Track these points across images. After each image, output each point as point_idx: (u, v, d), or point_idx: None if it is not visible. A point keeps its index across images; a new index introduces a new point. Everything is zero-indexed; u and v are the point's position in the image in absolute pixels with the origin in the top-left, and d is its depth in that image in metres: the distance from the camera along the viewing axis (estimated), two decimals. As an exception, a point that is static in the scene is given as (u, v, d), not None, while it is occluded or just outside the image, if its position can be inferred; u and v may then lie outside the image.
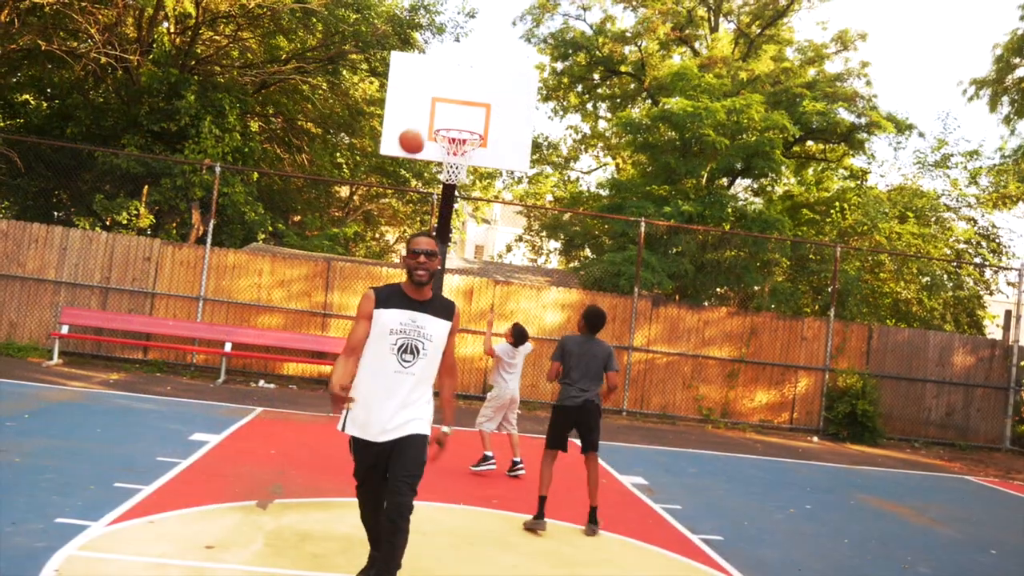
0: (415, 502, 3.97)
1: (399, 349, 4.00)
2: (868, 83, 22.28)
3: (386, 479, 4.04)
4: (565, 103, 28.06)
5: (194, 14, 18.07)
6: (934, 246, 18.70)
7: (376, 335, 4.03)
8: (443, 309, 4.16)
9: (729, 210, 16.90)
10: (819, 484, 9.56)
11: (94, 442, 7.45)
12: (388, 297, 4.07)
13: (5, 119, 16.92)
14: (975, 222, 20.27)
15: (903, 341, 14.92)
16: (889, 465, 11.79)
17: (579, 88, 27.24)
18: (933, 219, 19.42)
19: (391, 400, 4.00)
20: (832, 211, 19.97)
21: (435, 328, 4.08)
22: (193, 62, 19.95)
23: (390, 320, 4.01)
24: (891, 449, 13.62)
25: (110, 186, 18.24)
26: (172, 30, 19.97)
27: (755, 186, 21.17)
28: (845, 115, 19.59)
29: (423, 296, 4.10)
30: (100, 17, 18.04)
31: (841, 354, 14.60)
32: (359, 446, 4.11)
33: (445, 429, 4.21)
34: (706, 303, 16.42)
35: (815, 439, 13.83)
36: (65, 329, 12.57)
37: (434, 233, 5.20)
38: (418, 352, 4.02)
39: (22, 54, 18.63)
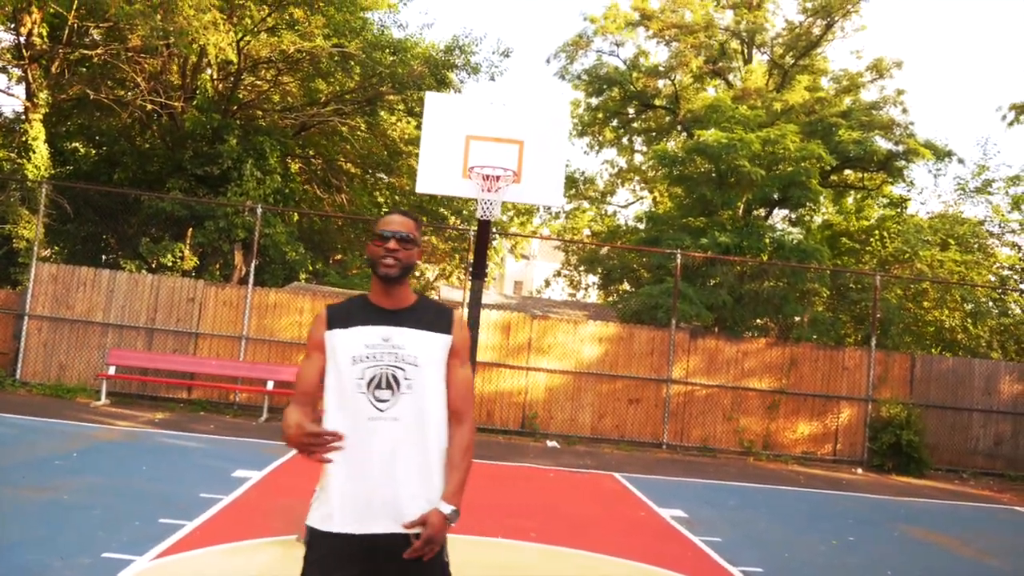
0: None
1: (369, 384, 2.58)
2: (905, 110, 22.09)
3: None
4: (600, 138, 28.23)
5: (236, 61, 18.59)
6: (977, 273, 18.41)
7: (336, 369, 2.63)
8: (433, 318, 2.72)
9: (767, 240, 16.83)
10: (863, 516, 9.40)
11: (139, 479, 7.62)
12: (348, 313, 2.71)
13: (55, 166, 17.47)
14: (1019, 248, 19.94)
15: (947, 370, 14.66)
16: (936, 496, 11.55)
17: (614, 123, 27.39)
18: (976, 246, 19.14)
19: (372, 464, 2.55)
20: (872, 240, 19.79)
21: (421, 346, 2.65)
22: (235, 107, 20.49)
23: (351, 344, 2.62)
24: (938, 480, 13.34)
25: (155, 229, 18.74)
26: (215, 76, 20.56)
27: (792, 216, 21.06)
28: (882, 143, 19.46)
29: (399, 302, 2.71)
30: (146, 66, 18.67)
31: (884, 384, 14.38)
32: (320, 543, 2.58)
33: (445, 509, 2.58)
34: (745, 334, 16.30)
35: (859, 470, 13.60)
36: (112, 370, 12.86)
37: (406, 212, 2.79)
38: (398, 384, 2.58)
39: (72, 103, 19.31)
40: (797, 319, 16.78)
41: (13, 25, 16.59)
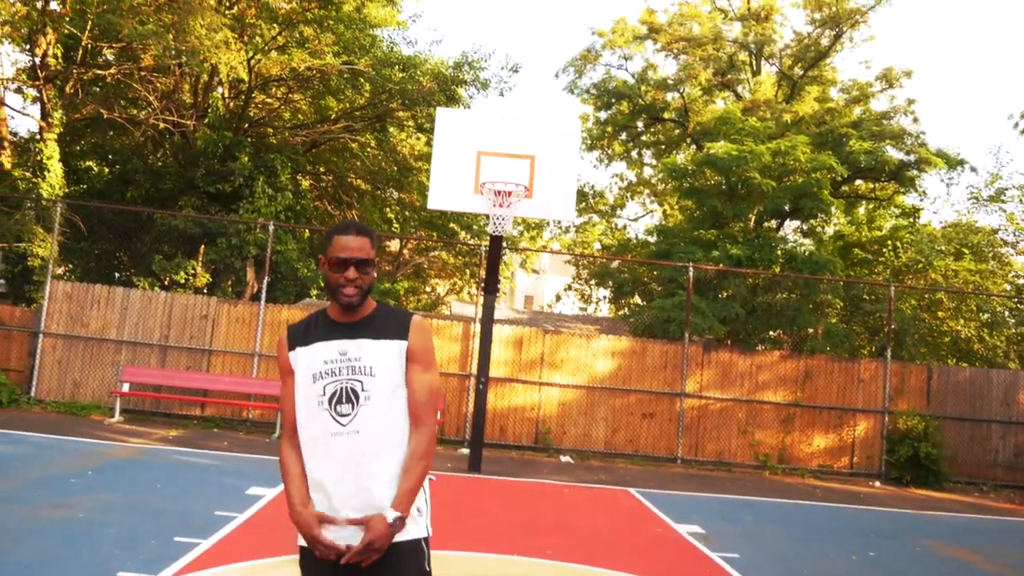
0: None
1: (331, 400, 2.61)
2: (915, 120, 22.04)
3: None
4: (610, 151, 28.26)
5: (247, 79, 18.71)
6: (993, 282, 18.28)
7: (301, 389, 2.68)
8: (390, 326, 2.71)
9: (779, 252, 16.76)
10: (883, 530, 9.30)
11: (154, 497, 7.61)
12: (307, 331, 2.74)
13: (70, 185, 17.58)
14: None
15: (965, 380, 14.53)
16: (956, 510, 11.43)
17: (623, 136, 27.41)
18: (990, 255, 19.02)
19: (341, 479, 2.59)
20: (885, 250, 19.70)
21: (377, 355, 2.65)
22: (246, 125, 20.59)
23: (311, 361, 2.67)
24: (957, 493, 13.20)
25: (168, 247, 18.80)
26: (226, 95, 20.69)
27: (804, 227, 21.01)
28: (893, 153, 19.39)
29: (357, 315, 2.72)
30: (158, 85, 18.79)
31: (900, 395, 14.26)
32: (306, 559, 2.66)
33: (389, 516, 2.52)
34: (759, 347, 16.22)
35: (877, 484, 13.48)
36: (126, 387, 12.89)
37: (360, 225, 2.79)
38: (357, 397, 2.60)
39: (85, 123, 19.44)
40: (811, 331, 16.68)
41: (28, 46, 16.75)
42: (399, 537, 2.57)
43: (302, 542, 2.66)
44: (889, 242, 19.94)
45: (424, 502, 2.71)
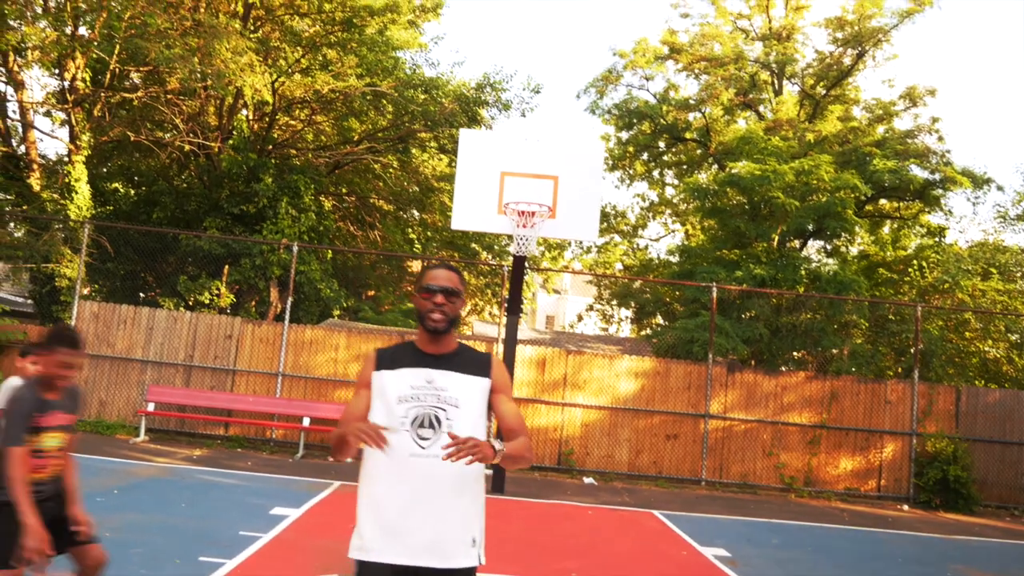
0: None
1: (413, 423, 2.79)
2: (940, 138, 21.87)
3: None
4: (631, 172, 28.23)
5: (271, 101, 18.91)
6: (1022, 302, 18.04)
7: (381, 408, 2.85)
8: (474, 363, 2.94)
9: (802, 272, 16.65)
10: (911, 555, 9.15)
11: (179, 517, 7.62)
12: (395, 356, 2.93)
13: (96, 206, 17.79)
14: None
15: (994, 402, 14.30)
16: (987, 535, 11.22)
17: (645, 156, 27.40)
18: (1019, 274, 18.79)
19: (411, 499, 2.76)
20: (911, 270, 19.52)
21: (462, 389, 2.86)
22: (270, 146, 20.79)
23: (398, 385, 2.85)
24: (988, 517, 12.97)
25: (193, 267, 18.95)
26: (251, 117, 20.90)
27: (828, 247, 20.88)
28: (918, 172, 19.26)
29: (443, 348, 2.93)
30: (184, 108, 19.04)
31: (928, 417, 14.05)
32: (362, 572, 2.78)
33: (496, 444, 2.68)
34: (783, 368, 16.07)
35: (905, 507, 13.27)
36: (151, 407, 12.96)
37: (451, 264, 3.54)
38: (439, 424, 2.80)
39: (112, 145, 19.71)
40: (836, 352, 16.51)
41: (58, 71, 17.03)
42: (454, 564, 2.74)
43: (356, 555, 2.77)
44: (915, 262, 19.77)
45: (480, 531, 2.89)
